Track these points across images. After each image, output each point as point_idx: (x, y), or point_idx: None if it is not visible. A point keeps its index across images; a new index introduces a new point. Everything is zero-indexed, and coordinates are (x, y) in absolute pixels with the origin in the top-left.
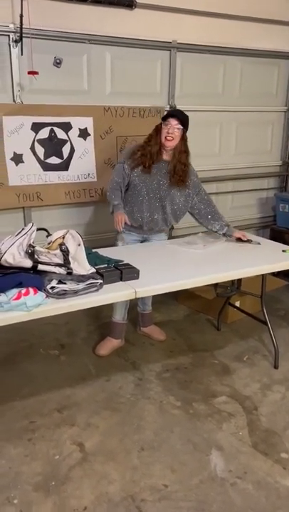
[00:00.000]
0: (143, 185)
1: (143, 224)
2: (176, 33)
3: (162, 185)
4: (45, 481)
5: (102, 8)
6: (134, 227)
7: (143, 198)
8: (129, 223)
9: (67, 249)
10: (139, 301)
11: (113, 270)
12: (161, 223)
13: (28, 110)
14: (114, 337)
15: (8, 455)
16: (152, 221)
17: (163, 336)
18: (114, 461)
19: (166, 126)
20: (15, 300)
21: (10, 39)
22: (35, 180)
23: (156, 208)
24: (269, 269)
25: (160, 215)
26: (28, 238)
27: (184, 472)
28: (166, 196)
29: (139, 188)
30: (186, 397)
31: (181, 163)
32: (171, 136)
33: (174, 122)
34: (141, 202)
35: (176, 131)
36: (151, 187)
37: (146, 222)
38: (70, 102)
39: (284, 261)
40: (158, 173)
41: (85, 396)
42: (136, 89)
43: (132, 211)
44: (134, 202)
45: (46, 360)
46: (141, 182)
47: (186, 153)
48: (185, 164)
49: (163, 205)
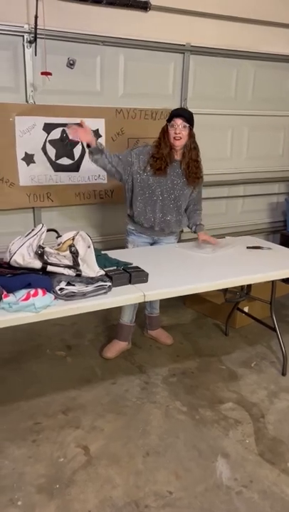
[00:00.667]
0: (158, 186)
1: (155, 224)
2: (190, 36)
3: (176, 184)
4: (49, 483)
5: (117, 10)
6: (145, 228)
7: (157, 198)
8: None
9: (77, 251)
10: (146, 304)
11: (122, 273)
12: (173, 225)
13: (41, 111)
14: (121, 339)
15: (11, 456)
16: (164, 222)
17: (170, 340)
18: (119, 466)
19: (172, 127)
20: (23, 301)
21: (24, 39)
22: (45, 180)
23: (170, 209)
24: (280, 275)
25: (174, 216)
26: (38, 239)
27: (188, 479)
28: (180, 196)
29: (154, 188)
30: (192, 402)
31: (193, 161)
32: (179, 136)
33: (180, 121)
34: (154, 202)
35: (183, 130)
36: (166, 187)
37: (158, 223)
38: (82, 103)
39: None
40: (172, 174)
41: (91, 398)
42: (148, 91)
43: (145, 211)
44: (147, 202)
45: (52, 361)
46: (155, 182)
47: (196, 149)
48: (197, 161)
49: (178, 205)
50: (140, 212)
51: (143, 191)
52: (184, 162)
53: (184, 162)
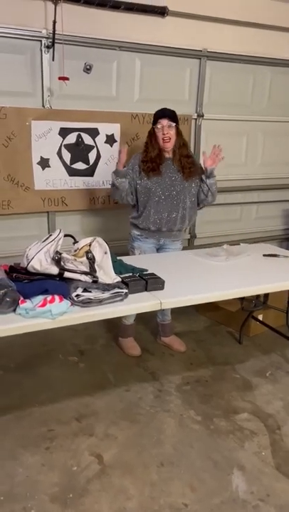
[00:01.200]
0: (157, 186)
1: (162, 225)
2: (207, 42)
3: (175, 180)
4: (62, 492)
5: (134, 16)
6: (152, 232)
7: (159, 198)
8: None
9: (94, 257)
10: (158, 312)
11: (138, 280)
12: (179, 221)
13: (57, 115)
14: (130, 335)
15: (25, 463)
16: (171, 220)
17: (183, 347)
18: (133, 476)
19: (159, 129)
20: (40, 307)
21: (42, 44)
22: (60, 185)
23: (174, 206)
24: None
25: (179, 212)
26: (56, 245)
27: (204, 491)
28: (182, 190)
29: (154, 190)
30: (206, 411)
31: (184, 157)
32: (168, 137)
33: (165, 122)
34: (157, 202)
35: (170, 130)
36: (165, 185)
37: (165, 223)
38: (98, 108)
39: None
40: (168, 171)
41: (104, 405)
42: (164, 97)
43: (149, 214)
44: (150, 204)
45: (65, 367)
46: (154, 183)
47: (185, 145)
48: (188, 156)
49: (181, 199)
50: (146, 217)
51: (145, 196)
52: (176, 160)
53: (176, 160)
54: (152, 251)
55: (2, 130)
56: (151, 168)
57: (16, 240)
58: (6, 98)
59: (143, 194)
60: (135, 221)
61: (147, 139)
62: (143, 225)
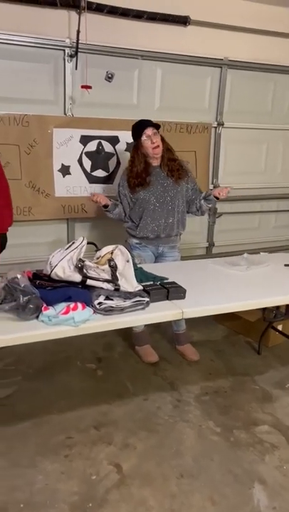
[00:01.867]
0: (150, 195)
1: (160, 232)
2: (228, 50)
3: (167, 186)
4: (81, 501)
5: (157, 25)
6: (150, 240)
7: (154, 206)
8: (104, 203)
9: (116, 265)
10: (172, 322)
11: (160, 288)
12: (176, 225)
13: (78, 123)
14: (145, 342)
15: (45, 471)
16: (168, 226)
17: (196, 356)
18: (152, 487)
19: (145, 139)
20: (63, 314)
21: (65, 53)
22: (80, 192)
23: (169, 211)
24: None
25: (175, 217)
26: (78, 252)
27: (225, 505)
28: (175, 195)
29: (148, 199)
30: (226, 423)
31: (171, 160)
32: (156, 144)
33: (150, 131)
34: (153, 210)
35: (156, 137)
36: (158, 193)
37: (162, 229)
38: (118, 116)
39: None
40: (158, 179)
41: (122, 414)
42: (184, 105)
43: (147, 223)
44: (146, 213)
45: (83, 374)
46: (147, 193)
47: (170, 150)
48: (174, 159)
49: (176, 204)
50: (143, 226)
51: (140, 206)
52: (164, 165)
53: (164, 165)
54: (151, 259)
55: (24, 137)
56: (138, 183)
57: (37, 246)
58: (29, 106)
59: (138, 205)
60: (132, 231)
61: (133, 153)
62: (141, 234)
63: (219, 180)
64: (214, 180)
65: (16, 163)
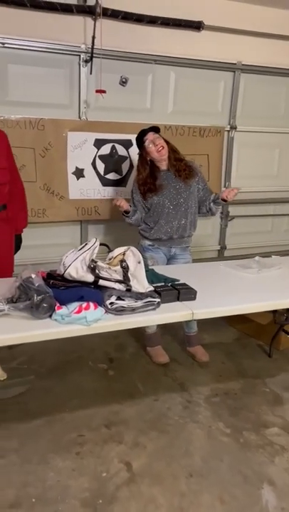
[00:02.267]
0: (164, 198)
1: (173, 233)
2: (241, 55)
3: (180, 188)
4: (92, 498)
5: (171, 30)
6: (163, 241)
7: (168, 208)
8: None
9: (128, 266)
10: (184, 324)
11: (170, 289)
12: (188, 227)
13: (92, 127)
14: (157, 343)
15: (56, 468)
16: (181, 227)
17: (206, 357)
18: (162, 486)
19: (148, 145)
20: (76, 313)
21: (80, 59)
22: (94, 194)
23: (182, 213)
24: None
25: (187, 218)
26: (91, 253)
27: (234, 505)
28: (188, 196)
29: (162, 203)
30: (236, 424)
31: (178, 161)
32: (160, 147)
33: (151, 135)
34: (167, 213)
35: (159, 140)
36: (172, 195)
37: (176, 230)
38: (132, 120)
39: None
40: (170, 182)
41: (133, 414)
42: (197, 109)
43: (160, 225)
44: (159, 216)
45: (95, 374)
46: (161, 197)
47: (176, 151)
48: (181, 159)
49: (189, 205)
50: (157, 229)
51: (155, 211)
52: (171, 166)
53: (171, 166)
54: (163, 261)
55: (40, 141)
56: (148, 189)
57: (50, 247)
58: (44, 110)
59: (153, 210)
60: (146, 233)
61: (138, 162)
62: (154, 236)
63: (232, 184)
64: (227, 184)
65: (32, 166)
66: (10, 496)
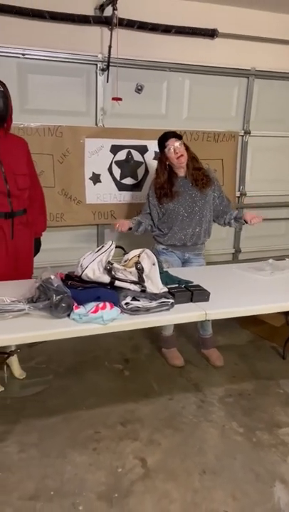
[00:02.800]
0: (180, 206)
1: (187, 240)
2: (255, 61)
3: (195, 196)
4: (108, 491)
5: (185, 38)
6: (177, 247)
7: (182, 216)
8: (125, 231)
9: (142, 268)
10: (199, 326)
11: (184, 291)
12: (202, 234)
13: (108, 133)
14: (172, 346)
15: (74, 462)
16: (195, 235)
17: (220, 362)
18: (176, 481)
19: (169, 150)
20: (93, 313)
21: (97, 67)
22: (110, 199)
23: (197, 221)
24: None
25: (202, 227)
26: (108, 255)
27: (246, 501)
28: (204, 205)
29: (177, 210)
30: (249, 424)
31: (196, 169)
32: (180, 153)
33: (173, 141)
34: (181, 220)
35: (180, 147)
36: (187, 203)
37: (189, 238)
38: (147, 126)
39: None
40: (186, 190)
41: (148, 412)
42: (211, 114)
43: (175, 232)
44: (173, 223)
45: (110, 374)
46: (176, 204)
47: (195, 159)
48: (200, 168)
49: (204, 214)
50: (171, 236)
51: (169, 217)
52: (189, 174)
53: (189, 174)
54: (178, 265)
55: (58, 147)
56: (163, 194)
57: (68, 250)
58: (62, 117)
59: (167, 216)
60: (160, 239)
61: (158, 166)
62: (168, 242)
63: (246, 188)
64: (241, 188)
65: (50, 172)
66: (30, 488)
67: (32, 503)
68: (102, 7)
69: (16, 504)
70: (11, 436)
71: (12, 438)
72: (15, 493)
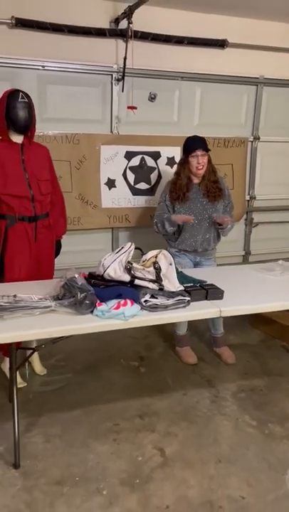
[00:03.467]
0: (190, 212)
1: (197, 246)
2: (264, 69)
3: (206, 204)
4: (129, 478)
5: (196, 49)
6: (188, 251)
7: (193, 222)
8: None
9: (160, 268)
10: (210, 325)
11: (199, 289)
12: (212, 241)
13: (123, 140)
14: (186, 344)
15: (96, 451)
16: (205, 241)
17: (232, 359)
18: (193, 469)
19: (193, 158)
20: (115, 309)
21: (113, 78)
22: (124, 203)
23: (207, 228)
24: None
25: (211, 233)
26: (127, 256)
27: (260, 488)
28: (213, 213)
29: (188, 216)
30: (261, 417)
31: (211, 182)
32: (201, 165)
33: (200, 153)
34: (192, 226)
35: (203, 159)
36: (198, 210)
37: (200, 244)
38: (160, 133)
39: None
40: (197, 197)
41: (164, 407)
42: (222, 121)
43: (185, 238)
44: (185, 229)
45: (126, 371)
46: (187, 210)
47: (214, 172)
48: (215, 181)
49: (213, 222)
50: (181, 241)
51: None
52: (203, 184)
53: (203, 184)
54: (190, 267)
55: (75, 154)
56: (178, 197)
57: (85, 253)
58: (79, 125)
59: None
60: (172, 243)
61: (179, 167)
62: (179, 247)
63: (255, 191)
64: (250, 191)
65: (68, 178)
66: (56, 475)
67: (59, 487)
68: (118, 20)
69: (43, 488)
70: (36, 427)
71: (37, 429)
72: (42, 479)
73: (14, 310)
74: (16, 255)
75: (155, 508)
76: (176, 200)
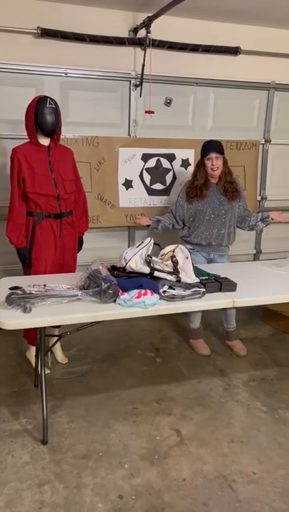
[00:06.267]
0: (207, 206)
1: (212, 240)
2: (275, 75)
3: (223, 201)
4: (149, 454)
5: (211, 56)
6: (203, 246)
7: (209, 216)
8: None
9: (177, 261)
10: (223, 319)
11: (214, 282)
12: (226, 237)
13: (140, 143)
14: (199, 337)
15: (117, 431)
16: (219, 236)
17: (244, 351)
18: (207, 447)
19: (208, 160)
20: (136, 299)
21: (131, 84)
22: (141, 203)
23: (222, 223)
24: None
25: (226, 229)
26: (147, 250)
27: (270, 464)
28: (229, 210)
29: (205, 210)
30: (271, 404)
31: (228, 183)
32: (216, 167)
33: (215, 155)
34: (208, 221)
35: (218, 161)
36: (215, 205)
37: (214, 238)
38: (175, 136)
39: None
40: (215, 194)
41: (180, 393)
42: (234, 125)
43: (201, 231)
44: (202, 223)
45: (143, 360)
46: (205, 204)
47: (230, 173)
48: (232, 182)
49: (228, 218)
50: (197, 234)
51: (197, 216)
52: (220, 185)
53: (220, 185)
54: (204, 264)
55: (95, 156)
56: (195, 195)
57: (103, 250)
58: (99, 129)
59: (194, 215)
60: (187, 238)
61: (196, 169)
62: (194, 240)
63: (266, 192)
64: (262, 192)
65: (88, 178)
66: (81, 450)
67: (84, 461)
68: (136, 29)
69: (70, 461)
70: (61, 409)
71: (62, 411)
72: (69, 453)
73: (44, 298)
74: (43, 249)
75: (173, 480)
76: (194, 198)
